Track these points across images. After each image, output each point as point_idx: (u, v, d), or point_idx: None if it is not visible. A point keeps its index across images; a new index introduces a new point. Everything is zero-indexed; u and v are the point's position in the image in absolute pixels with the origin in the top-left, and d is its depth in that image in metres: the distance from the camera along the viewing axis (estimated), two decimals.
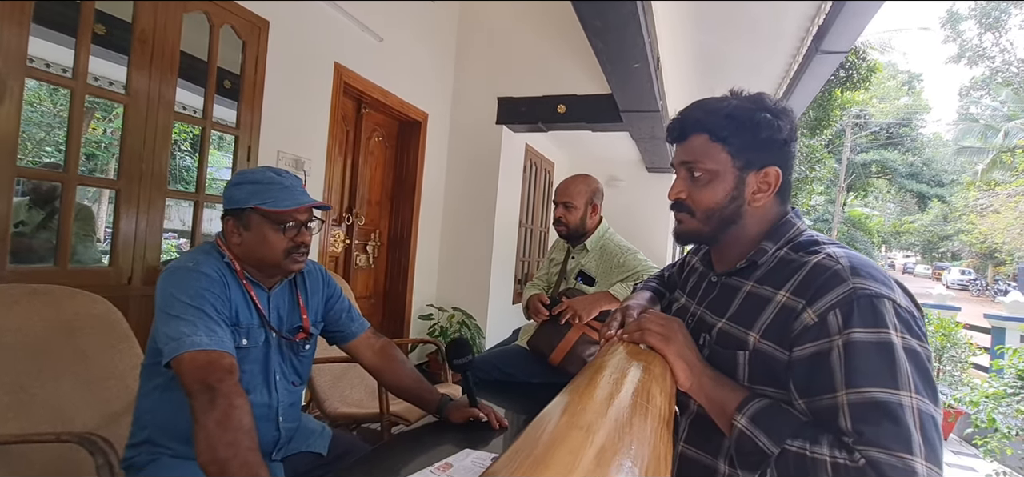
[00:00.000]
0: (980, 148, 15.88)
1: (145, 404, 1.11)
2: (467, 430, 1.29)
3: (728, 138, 0.79)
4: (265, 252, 1.11)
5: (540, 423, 0.45)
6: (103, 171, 6.45)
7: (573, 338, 1.76)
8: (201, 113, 2.15)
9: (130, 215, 1.88)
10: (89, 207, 3.21)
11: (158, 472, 1.05)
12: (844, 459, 0.60)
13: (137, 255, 1.90)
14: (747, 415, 0.69)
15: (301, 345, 1.23)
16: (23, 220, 2.24)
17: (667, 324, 0.78)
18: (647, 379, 0.63)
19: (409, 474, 1.01)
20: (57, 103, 6.55)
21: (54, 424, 1.23)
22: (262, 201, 1.08)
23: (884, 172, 22.50)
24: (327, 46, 2.71)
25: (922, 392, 0.61)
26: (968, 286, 25.10)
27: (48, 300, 1.33)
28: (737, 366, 0.77)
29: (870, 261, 0.71)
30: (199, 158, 2.19)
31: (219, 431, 0.88)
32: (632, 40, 2.40)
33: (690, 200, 0.83)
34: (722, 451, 0.80)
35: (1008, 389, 3.80)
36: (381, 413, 1.81)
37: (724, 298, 0.83)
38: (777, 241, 0.80)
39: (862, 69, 9.91)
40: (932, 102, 53.44)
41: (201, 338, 0.97)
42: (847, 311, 0.65)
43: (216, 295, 1.04)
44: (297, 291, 1.25)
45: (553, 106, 3.71)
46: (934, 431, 0.60)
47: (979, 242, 17.55)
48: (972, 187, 17.38)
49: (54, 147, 6.40)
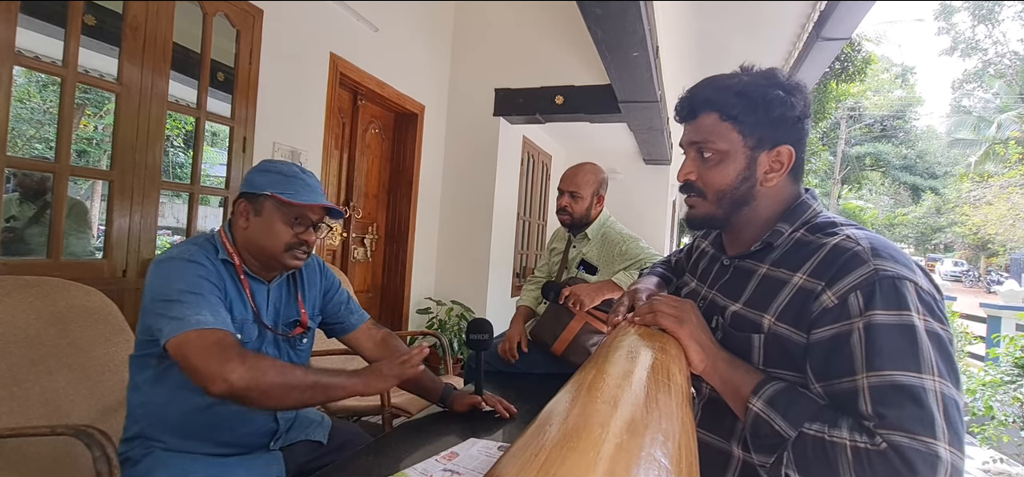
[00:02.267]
0: (973, 140, 15.98)
1: (136, 397, 1.09)
2: (472, 419, 1.28)
3: (739, 116, 0.77)
4: (268, 241, 1.10)
5: (563, 399, 0.43)
6: (95, 167, 6.37)
7: (576, 327, 1.74)
8: (195, 105, 2.11)
9: (124, 207, 1.84)
10: (82, 202, 3.17)
11: (153, 466, 1.03)
12: (865, 443, 0.59)
13: (132, 248, 1.87)
14: (763, 398, 0.68)
15: (298, 339, 1.22)
16: (14, 215, 2.20)
17: (680, 306, 0.76)
18: (664, 358, 0.61)
19: (414, 462, 1.00)
20: (46, 99, 6.47)
21: (49, 418, 1.20)
22: (280, 190, 1.09)
23: (878, 165, 22.59)
24: (322, 36, 2.67)
25: (945, 376, 0.60)
26: (961, 277, 25.32)
27: (41, 292, 1.30)
28: (752, 349, 0.75)
29: (891, 243, 0.69)
30: (194, 150, 2.15)
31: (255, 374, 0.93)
32: (631, 27, 2.38)
33: (700, 181, 0.81)
34: (735, 435, 0.78)
35: (1005, 377, 3.83)
36: (382, 405, 1.79)
37: (738, 281, 0.82)
38: (793, 223, 0.78)
39: (857, 61, 9.94)
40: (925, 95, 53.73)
41: (206, 316, 0.96)
42: (869, 293, 0.63)
43: (213, 283, 1.03)
44: (295, 285, 1.24)
45: (551, 97, 3.68)
46: (957, 415, 0.59)
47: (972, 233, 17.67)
48: (965, 179, 17.50)
49: (45, 144, 6.32)
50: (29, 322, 1.24)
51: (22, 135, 6.08)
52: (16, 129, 5.11)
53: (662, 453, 0.34)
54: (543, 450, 0.31)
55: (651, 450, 0.33)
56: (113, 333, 1.40)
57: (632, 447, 0.33)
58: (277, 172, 1.11)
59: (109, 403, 1.33)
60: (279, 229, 1.10)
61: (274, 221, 1.09)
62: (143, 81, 1.87)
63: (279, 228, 1.09)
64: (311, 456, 1.23)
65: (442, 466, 0.98)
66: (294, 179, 1.11)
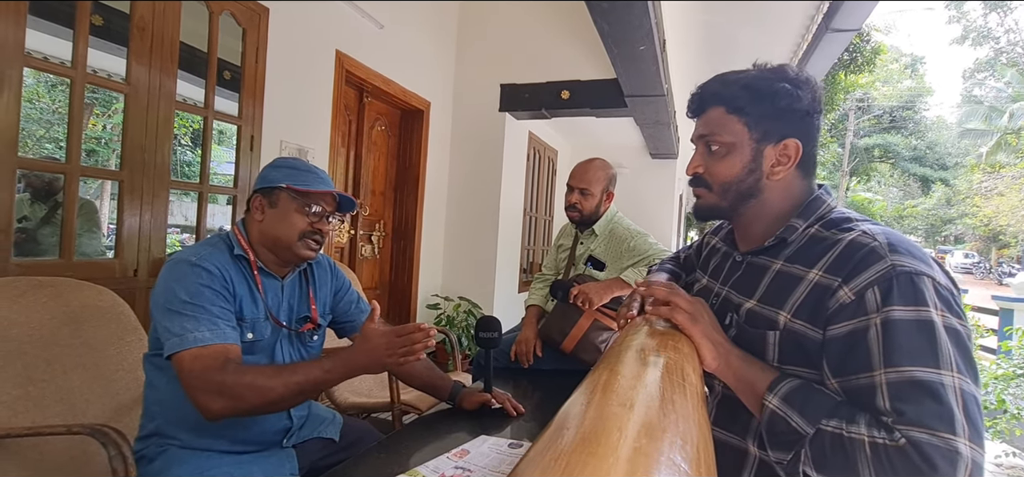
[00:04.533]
0: (984, 130, 15.78)
1: (152, 396, 1.10)
2: (481, 416, 1.28)
3: (744, 109, 0.77)
4: (283, 231, 1.13)
5: (578, 401, 0.42)
6: (104, 166, 6.43)
7: (585, 325, 1.74)
8: (202, 104, 2.12)
9: (134, 206, 1.85)
10: (91, 201, 3.20)
11: (168, 464, 1.05)
12: (883, 439, 0.58)
13: (142, 247, 1.88)
14: (779, 395, 0.67)
15: (309, 336, 1.23)
16: (26, 215, 2.22)
17: (693, 303, 0.76)
18: (678, 357, 0.61)
19: (425, 459, 1.00)
20: (55, 99, 6.53)
21: (65, 416, 1.22)
22: (294, 181, 1.13)
23: (887, 156, 22.37)
24: (327, 33, 2.67)
25: (963, 371, 0.59)
26: (972, 269, 25.06)
27: (54, 292, 1.31)
28: (767, 346, 0.74)
29: (907, 238, 0.69)
30: (202, 149, 2.16)
31: (234, 403, 0.95)
32: (638, 20, 2.36)
33: (707, 174, 0.82)
34: (751, 432, 0.78)
35: (1017, 370, 3.78)
36: (392, 402, 1.80)
37: (751, 278, 0.81)
38: (808, 218, 0.77)
39: (866, 51, 9.82)
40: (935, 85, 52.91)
41: (203, 333, 0.98)
42: (886, 289, 0.63)
43: (216, 291, 1.04)
44: (307, 283, 1.26)
45: (556, 92, 3.67)
46: (976, 410, 0.59)
47: (983, 225, 17.49)
48: (976, 169, 17.30)
49: (54, 144, 6.37)
50: (44, 322, 1.26)
51: (32, 135, 6.14)
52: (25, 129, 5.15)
53: (681, 457, 0.34)
54: (562, 456, 0.31)
55: (670, 454, 0.33)
56: (125, 332, 1.41)
57: (651, 451, 0.33)
58: (291, 166, 1.16)
59: (123, 401, 1.34)
60: (294, 219, 1.13)
61: (289, 211, 1.13)
62: (151, 81, 1.88)
63: (294, 218, 1.13)
64: (323, 453, 1.24)
65: (454, 463, 0.98)
66: (307, 172, 1.16)
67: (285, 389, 0.99)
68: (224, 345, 0.99)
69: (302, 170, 1.16)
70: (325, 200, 1.16)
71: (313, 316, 1.23)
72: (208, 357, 0.97)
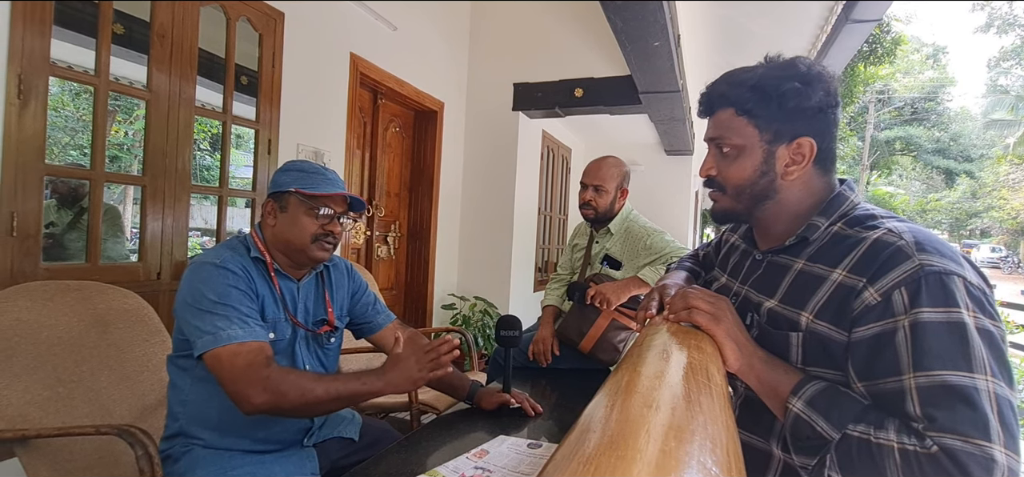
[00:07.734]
0: (1011, 120, 15.33)
1: (176, 397, 1.12)
2: (499, 416, 1.28)
3: (753, 110, 0.75)
4: (295, 235, 1.14)
5: (601, 403, 0.42)
6: (127, 172, 6.56)
7: (603, 325, 1.73)
8: (221, 109, 2.15)
9: (156, 211, 1.89)
10: (115, 206, 3.27)
11: (193, 464, 1.06)
12: (914, 445, 0.56)
13: (165, 251, 1.92)
14: (803, 398, 0.66)
15: (326, 338, 1.24)
16: (53, 221, 2.28)
17: (715, 302, 0.75)
18: (701, 357, 0.60)
19: (444, 459, 1.00)
20: (79, 107, 6.68)
21: (93, 417, 1.25)
22: (302, 185, 1.13)
23: (909, 149, 21.83)
24: (342, 36, 2.70)
25: (998, 375, 0.57)
26: (999, 264, 24.36)
27: (81, 296, 1.35)
28: (789, 347, 0.73)
29: (935, 236, 0.66)
30: (221, 153, 2.20)
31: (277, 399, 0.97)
32: (652, 16, 2.33)
33: (720, 176, 0.80)
34: (775, 434, 0.76)
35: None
36: (410, 402, 1.81)
37: (772, 277, 0.79)
38: (830, 216, 0.75)
39: (886, 42, 9.60)
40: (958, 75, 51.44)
41: (236, 331, 0.99)
42: (914, 290, 0.61)
43: (242, 291, 1.06)
44: (323, 285, 1.27)
45: (570, 90, 3.65)
46: (1012, 416, 0.56)
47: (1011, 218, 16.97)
48: (1003, 161, 16.80)
49: (78, 151, 6.53)
50: (72, 325, 1.29)
51: (58, 143, 6.30)
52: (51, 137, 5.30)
53: (712, 460, 0.33)
54: (590, 460, 0.31)
55: (701, 458, 0.33)
56: (150, 334, 1.44)
57: (680, 454, 0.32)
58: (298, 170, 1.16)
59: (149, 402, 1.37)
60: (304, 222, 1.14)
61: (299, 215, 1.13)
62: (171, 87, 1.91)
63: (304, 221, 1.14)
64: (343, 453, 1.25)
65: (473, 464, 0.98)
66: (315, 174, 1.16)
67: (325, 393, 1.01)
68: (261, 342, 1.02)
69: (310, 173, 1.16)
70: (334, 202, 1.17)
71: (330, 318, 1.24)
72: (250, 352, 0.99)
